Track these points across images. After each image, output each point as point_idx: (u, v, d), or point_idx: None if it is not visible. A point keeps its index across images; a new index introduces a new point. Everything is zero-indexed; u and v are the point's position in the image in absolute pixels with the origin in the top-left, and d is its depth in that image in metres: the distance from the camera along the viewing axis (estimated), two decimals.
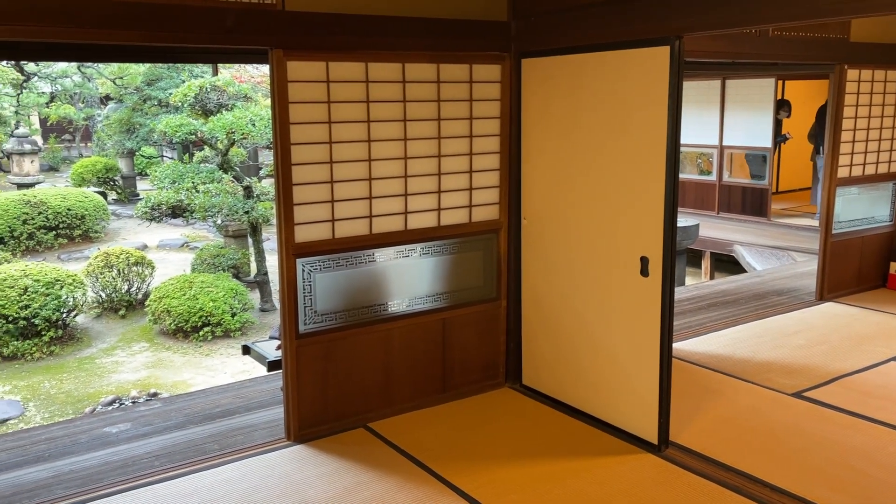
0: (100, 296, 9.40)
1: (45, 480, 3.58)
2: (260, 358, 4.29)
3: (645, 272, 3.72)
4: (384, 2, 3.88)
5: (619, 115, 3.78)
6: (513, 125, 4.40)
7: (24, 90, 18.04)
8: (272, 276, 9.79)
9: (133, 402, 6.88)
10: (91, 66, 17.43)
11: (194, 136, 9.67)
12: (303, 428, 3.96)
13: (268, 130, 9.15)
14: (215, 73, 14.50)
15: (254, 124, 9.23)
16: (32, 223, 12.05)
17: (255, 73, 16.63)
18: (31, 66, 17.55)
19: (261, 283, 9.79)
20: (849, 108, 6.38)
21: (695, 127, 10.70)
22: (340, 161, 3.88)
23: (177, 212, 9.53)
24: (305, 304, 3.88)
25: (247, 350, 4.44)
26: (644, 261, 3.72)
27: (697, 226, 8.27)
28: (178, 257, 12.31)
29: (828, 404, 4.37)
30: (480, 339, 4.52)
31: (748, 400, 4.44)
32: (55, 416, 6.84)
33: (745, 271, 8.44)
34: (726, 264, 9.53)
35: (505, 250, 4.53)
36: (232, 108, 9.79)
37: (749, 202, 10.44)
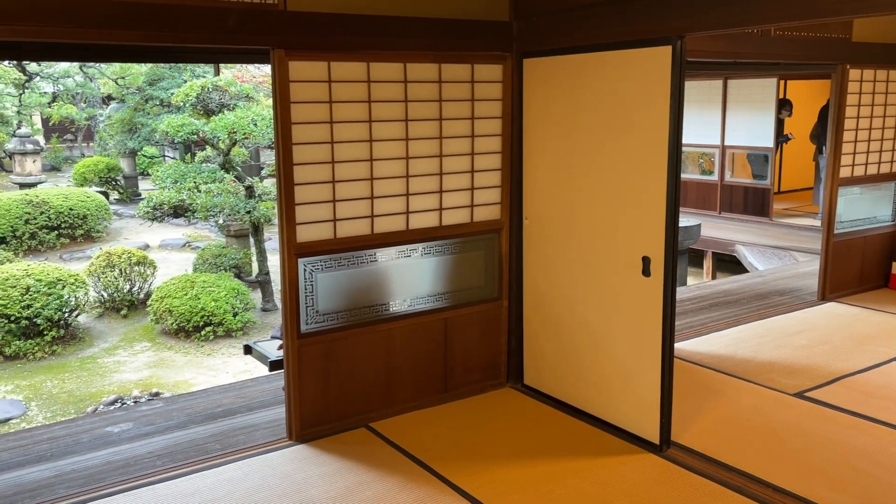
0: (102, 295, 9.41)
1: (47, 480, 3.59)
2: (262, 358, 4.29)
3: (647, 272, 3.72)
4: (386, 2, 3.88)
5: (620, 114, 3.78)
6: (514, 125, 4.40)
7: (26, 90, 18.08)
8: (274, 276, 9.78)
9: (135, 402, 6.89)
10: (93, 66, 17.44)
11: (196, 136, 9.66)
12: (304, 427, 3.96)
13: (269, 130, 9.15)
14: (217, 73, 14.52)
15: (255, 124, 9.24)
16: (34, 223, 12.08)
17: (256, 73, 16.61)
18: (33, 66, 17.59)
19: (262, 283, 9.79)
20: (851, 108, 6.37)
21: (696, 127, 10.69)
22: (342, 161, 3.88)
23: (178, 211, 9.52)
24: (307, 303, 3.88)
25: (248, 350, 4.44)
26: (646, 261, 3.72)
27: (699, 226, 8.25)
28: (179, 257, 12.32)
29: (830, 404, 4.36)
30: (482, 338, 4.52)
31: (750, 400, 4.44)
32: (57, 415, 6.84)
33: (746, 271, 8.43)
34: (728, 264, 9.53)
35: (506, 250, 4.53)
36: (234, 108, 9.78)
37: (751, 202, 10.43)
